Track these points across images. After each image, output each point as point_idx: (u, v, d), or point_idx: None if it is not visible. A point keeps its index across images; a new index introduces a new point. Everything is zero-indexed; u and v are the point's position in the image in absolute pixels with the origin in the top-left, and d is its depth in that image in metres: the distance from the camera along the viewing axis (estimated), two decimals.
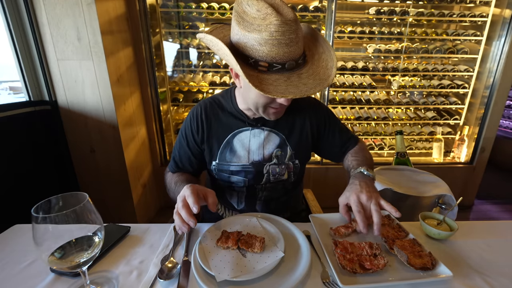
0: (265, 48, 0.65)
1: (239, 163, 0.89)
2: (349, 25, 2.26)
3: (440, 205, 1.08)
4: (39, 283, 0.59)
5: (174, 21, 2.22)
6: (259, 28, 0.64)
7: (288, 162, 0.91)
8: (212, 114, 0.90)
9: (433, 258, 0.61)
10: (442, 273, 0.58)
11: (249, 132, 0.88)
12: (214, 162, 0.91)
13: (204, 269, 0.58)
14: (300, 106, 0.92)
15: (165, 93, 2.19)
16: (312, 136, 0.93)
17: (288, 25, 0.63)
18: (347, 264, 0.59)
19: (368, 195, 0.70)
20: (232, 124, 0.89)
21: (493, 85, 2.11)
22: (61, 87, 1.62)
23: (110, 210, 1.88)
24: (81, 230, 0.52)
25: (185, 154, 0.93)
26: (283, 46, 0.64)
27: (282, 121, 0.89)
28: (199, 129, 0.89)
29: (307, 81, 0.68)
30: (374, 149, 2.40)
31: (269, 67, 0.66)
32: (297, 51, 0.67)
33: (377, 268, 0.58)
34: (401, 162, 1.37)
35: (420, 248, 0.64)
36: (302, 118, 0.92)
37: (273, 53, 0.65)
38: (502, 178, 3.16)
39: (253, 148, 0.89)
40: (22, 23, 1.50)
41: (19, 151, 1.51)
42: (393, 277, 0.58)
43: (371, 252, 0.63)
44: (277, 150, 0.89)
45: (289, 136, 0.90)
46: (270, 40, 0.63)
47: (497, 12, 2.05)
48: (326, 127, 0.95)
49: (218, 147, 0.89)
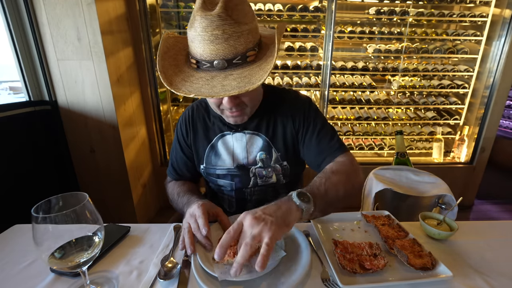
0: (194, 45, 0.64)
1: (224, 166, 0.88)
2: (349, 25, 2.26)
3: (440, 205, 1.08)
4: (39, 283, 0.59)
5: (174, 21, 2.23)
6: (191, 24, 0.62)
7: (275, 165, 0.87)
8: (198, 117, 0.90)
9: (433, 258, 0.61)
10: (442, 273, 0.57)
11: (231, 136, 0.87)
12: (202, 166, 0.91)
13: (204, 269, 0.57)
14: (283, 105, 0.86)
15: (165, 93, 2.20)
16: (296, 136, 0.86)
17: (209, 20, 0.59)
18: (347, 264, 0.59)
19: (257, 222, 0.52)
20: (215, 127, 0.88)
21: (493, 85, 2.11)
22: (61, 87, 1.62)
23: (110, 210, 1.88)
24: (81, 230, 0.52)
25: (181, 160, 0.94)
26: (208, 43, 0.61)
27: (263, 123, 0.86)
28: (188, 132, 0.90)
29: (230, 82, 0.62)
30: (374, 149, 2.40)
31: (198, 64, 0.65)
32: (227, 49, 0.62)
33: (377, 268, 0.58)
34: (401, 162, 1.37)
35: (420, 248, 0.64)
36: (285, 117, 0.85)
37: (200, 50, 0.63)
38: (502, 178, 3.16)
39: (237, 152, 0.87)
40: (22, 23, 1.50)
41: (19, 151, 1.51)
42: (393, 277, 0.58)
43: (371, 252, 0.63)
44: (261, 153, 0.87)
45: (273, 138, 0.86)
46: (197, 36, 0.61)
47: (497, 12, 2.05)
48: (302, 126, 0.84)
49: (204, 151, 0.89)
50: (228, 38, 0.61)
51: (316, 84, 2.24)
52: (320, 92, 2.26)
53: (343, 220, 0.80)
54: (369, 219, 0.78)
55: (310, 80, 2.29)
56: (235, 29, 0.61)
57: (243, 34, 0.63)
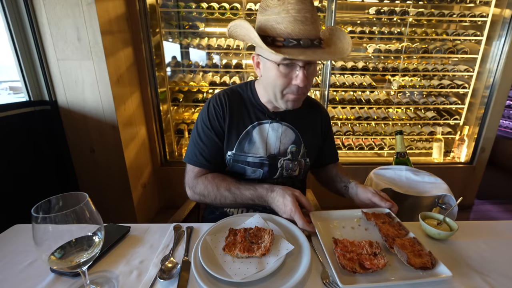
0: (281, 26, 0.71)
1: (257, 154, 0.90)
2: (349, 25, 2.26)
3: (440, 205, 1.08)
4: (39, 283, 0.59)
5: (174, 21, 2.22)
6: (277, 10, 0.71)
7: (301, 159, 0.95)
8: (235, 103, 0.92)
9: (433, 257, 0.61)
10: (441, 273, 0.57)
11: (268, 125, 0.91)
12: (229, 152, 0.91)
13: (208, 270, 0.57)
14: (314, 106, 1.01)
15: (165, 93, 2.19)
16: (321, 136, 1.02)
17: (303, 3, 0.70)
18: (347, 263, 0.59)
19: None
20: (252, 115, 0.91)
21: (493, 85, 2.11)
22: (61, 87, 1.62)
23: (110, 210, 1.88)
24: (81, 230, 0.52)
25: (215, 146, 0.89)
26: (299, 23, 0.70)
27: (299, 119, 0.95)
28: (225, 116, 0.89)
29: (321, 55, 0.74)
30: (374, 149, 2.40)
31: (285, 42, 0.71)
32: (312, 31, 0.72)
33: (377, 267, 0.58)
34: (401, 162, 1.37)
35: (420, 247, 0.64)
36: (316, 118, 1.00)
37: (289, 30, 0.71)
38: (502, 178, 3.16)
39: (271, 141, 0.91)
40: (22, 23, 1.50)
41: (19, 151, 1.51)
42: (393, 277, 0.58)
43: (371, 251, 0.63)
44: (292, 146, 0.93)
45: (304, 134, 0.95)
46: (287, 17, 0.70)
47: (497, 12, 2.05)
48: (327, 130, 1.04)
49: (237, 137, 0.90)
50: (314, 22, 0.72)
51: (316, 84, 2.24)
52: (320, 92, 2.26)
53: (343, 217, 0.80)
54: (369, 217, 0.77)
55: None
56: (317, 16, 0.74)
57: (319, 23, 0.75)
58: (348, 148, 2.38)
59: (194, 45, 2.22)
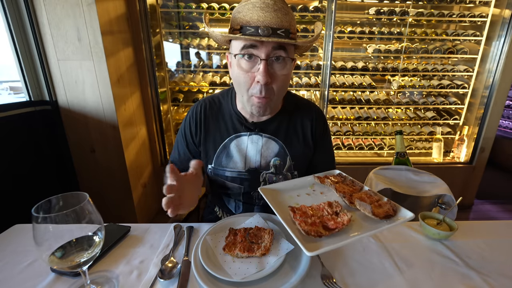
0: (241, 14, 0.68)
1: (235, 169, 0.85)
2: (349, 25, 2.26)
3: (440, 205, 1.08)
4: (40, 283, 0.59)
5: (174, 21, 2.23)
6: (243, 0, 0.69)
7: (287, 173, 0.85)
8: (210, 114, 0.87)
9: (392, 204, 0.60)
10: (404, 216, 0.57)
11: (247, 137, 0.84)
12: (210, 166, 0.88)
13: (208, 270, 0.57)
14: (303, 112, 0.88)
15: (165, 93, 2.20)
16: (313, 145, 0.89)
17: None
18: (310, 229, 0.55)
19: None
20: (230, 127, 0.85)
21: (492, 85, 2.11)
22: (62, 87, 1.63)
23: (110, 210, 1.88)
24: (82, 230, 0.52)
25: (185, 155, 0.90)
26: (257, 10, 0.65)
27: (281, 128, 0.85)
28: (198, 129, 0.86)
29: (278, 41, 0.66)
30: (374, 149, 2.40)
31: (242, 29, 0.67)
32: (274, 18, 0.65)
33: (342, 225, 0.56)
34: (401, 162, 1.37)
35: (378, 197, 0.63)
36: (305, 125, 0.87)
37: (247, 17, 0.66)
38: (502, 178, 3.16)
39: (250, 155, 0.84)
40: (23, 23, 1.50)
41: (20, 151, 1.51)
42: (359, 231, 0.55)
43: (332, 211, 0.61)
44: (275, 159, 0.84)
45: (289, 145, 0.85)
46: (247, 5, 0.67)
47: (497, 12, 2.05)
48: (321, 138, 0.90)
49: (214, 151, 0.86)
50: (277, 10, 0.65)
51: (316, 84, 2.24)
52: (320, 92, 2.26)
53: (296, 186, 0.75)
54: (322, 180, 0.75)
55: (310, 80, 2.30)
56: (284, 5, 0.68)
57: (289, 15, 0.68)
58: (348, 148, 2.38)
59: (194, 45, 2.23)
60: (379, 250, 0.69)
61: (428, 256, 0.67)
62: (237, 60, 0.71)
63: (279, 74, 0.71)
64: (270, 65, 0.69)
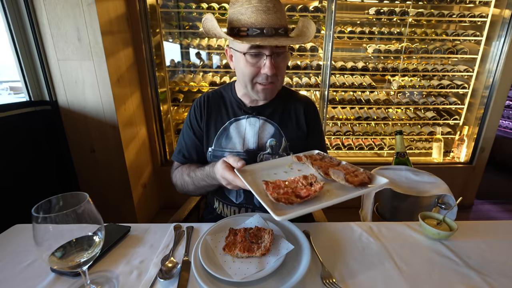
0: (245, 16, 0.74)
1: (234, 149, 0.92)
2: (349, 25, 2.26)
3: (440, 205, 1.08)
4: (40, 283, 0.59)
5: (174, 21, 2.23)
6: (242, 2, 0.75)
7: (282, 153, 0.92)
8: (213, 103, 0.96)
9: (368, 173, 0.59)
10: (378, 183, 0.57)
11: (245, 120, 0.93)
12: (210, 149, 0.94)
13: (208, 270, 0.57)
14: (295, 100, 0.98)
15: (165, 93, 2.20)
16: (306, 129, 0.97)
17: None
18: (281, 196, 0.54)
19: None
20: (230, 112, 0.95)
21: (492, 85, 2.11)
22: (62, 87, 1.63)
23: (110, 210, 1.88)
24: (82, 230, 0.52)
25: (191, 142, 0.97)
26: (261, 13, 0.73)
27: (277, 112, 0.94)
28: (202, 115, 0.95)
29: (282, 41, 0.75)
30: (374, 149, 2.40)
31: (249, 31, 0.74)
32: (275, 20, 0.74)
33: (315, 192, 0.54)
34: (401, 162, 1.37)
35: (354, 169, 0.62)
36: (298, 110, 0.97)
37: (252, 19, 0.74)
38: (502, 178, 3.16)
39: (248, 136, 0.92)
40: (23, 23, 1.50)
41: (20, 151, 1.51)
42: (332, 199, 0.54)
43: (306, 183, 0.60)
44: (271, 140, 0.92)
45: (285, 128, 0.94)
46: (250, 8, 0.74)
47: (497, 12, 2.05)
48: (312, 122, 0.98)
49: (215, 134, 0.94)
50: (276, 11, 0.75)
51: (316, 84, 2.24)
52: (320, 92, 2.26)
53: (274, 166, 0.76)
54: (300, 158, 0.75)
55: (310, 80, 2.30)
56: (281, 6, 0.77)
57: (284, 14, 0.78)
58: (348, 148, 2.38)
59: (194, 45, 2.23)
60: (379, 250, 0.69)
61: (428, 256, 0.67)
62: (242, 55, 0.80)
63: (281, 66, 0.83)
64: (274, 59, 0.79)
